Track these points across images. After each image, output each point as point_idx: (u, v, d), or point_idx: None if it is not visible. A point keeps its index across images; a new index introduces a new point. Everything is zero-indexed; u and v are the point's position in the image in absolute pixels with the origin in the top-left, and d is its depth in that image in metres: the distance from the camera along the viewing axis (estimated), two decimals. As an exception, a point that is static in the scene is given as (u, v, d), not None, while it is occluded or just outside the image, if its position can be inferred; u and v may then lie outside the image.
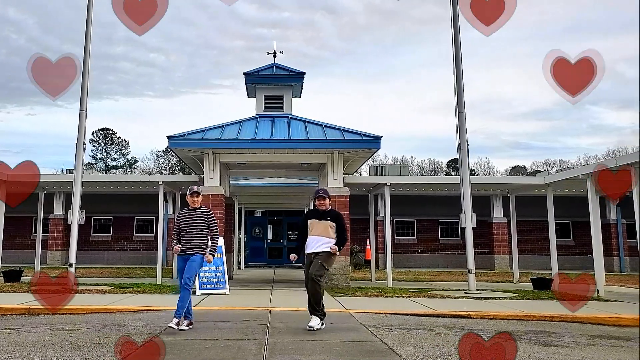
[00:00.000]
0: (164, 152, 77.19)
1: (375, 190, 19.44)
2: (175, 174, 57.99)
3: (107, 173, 68.03)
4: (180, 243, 8.40)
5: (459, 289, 14.80)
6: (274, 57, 18.87)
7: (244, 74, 18.03)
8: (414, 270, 25.50)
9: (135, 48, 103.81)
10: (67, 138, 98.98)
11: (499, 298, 12.84)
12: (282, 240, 32.18)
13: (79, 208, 14.27)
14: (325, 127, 16.30)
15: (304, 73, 18.18)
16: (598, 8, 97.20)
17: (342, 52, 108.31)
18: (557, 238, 17.57)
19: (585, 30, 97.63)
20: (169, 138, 15.53)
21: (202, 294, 12.88)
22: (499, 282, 18.72)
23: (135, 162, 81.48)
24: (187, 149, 16.06)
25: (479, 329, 8.52)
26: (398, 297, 12.87)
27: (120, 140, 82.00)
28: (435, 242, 30.08)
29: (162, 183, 17.48)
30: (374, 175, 28.76)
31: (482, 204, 25.36)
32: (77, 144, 14.49)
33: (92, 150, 79.19)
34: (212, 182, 15.83)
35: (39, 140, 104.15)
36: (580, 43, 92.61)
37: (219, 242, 8.84)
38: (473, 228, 14.53)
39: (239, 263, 25.51)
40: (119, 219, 30.15)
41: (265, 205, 30.99)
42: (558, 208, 18.04)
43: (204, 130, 15.90)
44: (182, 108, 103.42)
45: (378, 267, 24.80)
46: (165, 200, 21.25)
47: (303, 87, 18.63)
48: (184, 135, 15.62)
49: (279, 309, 10.59)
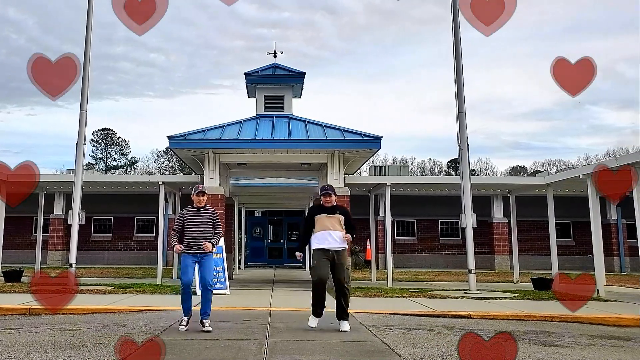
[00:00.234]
0: (165, 152, 77.20)
1: (376, 191, 19.44)
2: (176, 174, 57.99)
3: (107, 173, 68.06)
4: (184, 241, 8.38)
5: (460, 289, 14.80)
6: (275, 57, 18.89)
7: (245, 74, 18.04)
8: (415, 271, 25.49)
9: (135, 48, 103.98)
10: (67, 138, 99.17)
11: (500, 298, 12.84)
12: (282, 241, 32.17)
13: (80, 208, 14.27)
14: (326, 127, 16.30)
15: (305, 73, 18.18)
16: (598, 8, 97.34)
17: (342, 52, 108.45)
18: (557, 238, 17.57)
19: (585, 31, 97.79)
20: (170, 138, 15.54)
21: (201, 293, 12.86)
22: (500, 282, 18.71)
23: (136, 162, 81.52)
24: (187, 149, 16.06)
25: (480, 329, 8.52)
26: (398, 297, 12.87)
27: (121, 141, 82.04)
28: (436, 242, 30.07)
29: (162, 183, 17.47)
30: (375, 176, 28.76)
31: (482, 204, 25.34)
32: (77, 144, 14.49)
33: (92, 151, 79.29)
34: (212, 182, 15.83)
35: (39, 141, 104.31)
36: (580, 43, 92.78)
37: (220, 242, 8.82)
38: (473, 228, 14.52)
39: (240, 263, 25.51)
40: (120, 219, 30.14)
41: (266, 206, 30.98)
42: (558, 208, 18.04)
43: (205, 131, 15.90)
44: (182, 108, 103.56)
45: (378, 267, 24.82)
46: (166, 201, 21.24)
47: (303, 87, 18.63)
48: (185, 136, 15.62)
49: (280, 309, 10.60)
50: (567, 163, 71.22)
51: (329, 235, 8.38)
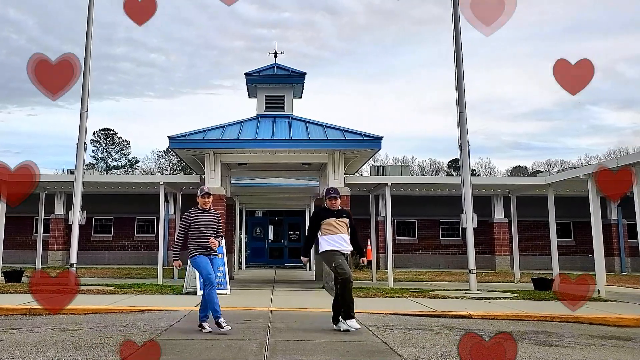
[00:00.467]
0: (165, 152, 77.23)
1: (376, 191, 19.44)
2: (176, 174, 57.98)
3: (108, 173, 68.11)
4: (192, 242, 8.38)
5: (460, 289, 14.79)
6: (275, 57, 18.89)
7: (245, 74, 18.04)
8: (415, 271, 25.48)
9: (136, 48, 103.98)
10: (67, 138, 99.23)
11: (500, 298, 12.83)
12: (283, 241, 32.17)
13: (80, 208, 14.27)
14: (326, 127, 16.29)
15: (305, 73, 18.18)
16: (598, 8, 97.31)
17: (342, 52, 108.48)
18: (558, 238, 17.57)
19: (585, 31, 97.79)
20: (170, 138, 15.54)
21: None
22: (500, 282, 18.70)
23: (136, 162, 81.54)
24: (188, 149, 16.06)
25: (480, 329, 8.52)
26: (399, 297, 12.87)
27: (121, 141, 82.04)
28: (436, 242, 30.07)
29: (163, 183, 17.46)
30: (375, 176, 28.77)
31: (483, 204, 25.33)
32: (78, 144, 14.49)
33: (93, 151, 79.31)
34: (213, 182, 15.83)
35: (40, 141, 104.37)
36: (580, 43, 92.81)
37: (221, 242, 8.85)
38: (474, 228, 14.51)
39: (240, 263, 25.52)
40: (120, 219, 30.16)
41: (266, 206, 30.97)
42: (559, 208, 18.04)
43: (205, 131, 15.90)
44: (182, 108, 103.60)
45: (379, 267, 24.83)
46: (166, 201, 21.25)
47: (304, 87, 18.63)
48: (185, 136, 15.63)
49: (280, 309, 10.60)
50: (567, 163, 71.26)
51: (340, 239, 8.46)
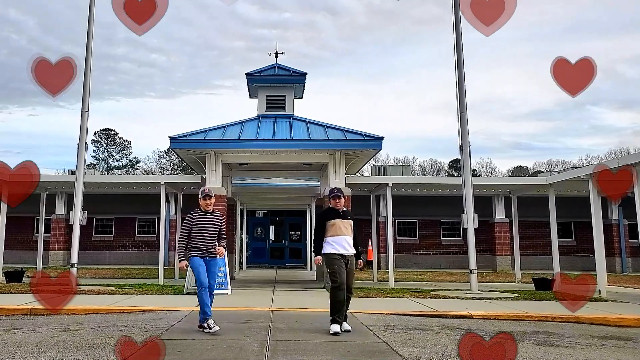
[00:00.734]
0: (166, 152, 77.22)
1: (377, 191, 19.44)
2: (177, 175, 57.99)
3: (108, 173, 68.09)
4: (192, 244, 8.35)
5: (461, 290, 14.79)
6: (276, 57, 18.89)
7: (246, 75, 18.04)
8: (416, 271, 25.48)
9: (136, 49, 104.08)
10: (68, 138, 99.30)
11: (501, 298, 12.83)
12: (284, 241, 32.16)
13: (81, 208, 14.29)
14: (327, 127, 16.29)
15: (306, 73, 18.18)
16: (598, 8, 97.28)
17: (342, 52, 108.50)
18: (559, 238, 17.57)
19: (586, 31, 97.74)
20: (171, 138, 15.54)
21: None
22: (501, 282, 18.69)
23: (137, 162, 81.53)
24: (188, 150, 16.06)
25: (481, 330, 8.52)
26: (400, 297, 12.87)
27: (122, 141, 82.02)
28: (437, 242, 30.05)
29: (164, 183, 17.46)
30: (376, 176, 28.74)
31: (484, 205, 25.32)
32: (79, 145, 14.51)
33: (93, 151, 79.27)
34: (214, 182, 15.84)
35: (41, 141, 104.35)
36: (580, 43, 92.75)
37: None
38: (475, 228, 14.51)
39: (241, 263, 25.52)
40: (121, 220, 30.16)
41: (267, 206, 30.96)
42: (560, 208, 18.03)
43: (206, 131, 15.91)
44: (183, 109, 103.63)
45: (380, 267, 24.81)
46: (167, 201, 21.27)
47: (305, 87, 18.63)
48: (186, 136, 15.63)
49: (281, 310, 10.60)
50: (568, 163, 71.19)
51: (345, 241, 8.41)
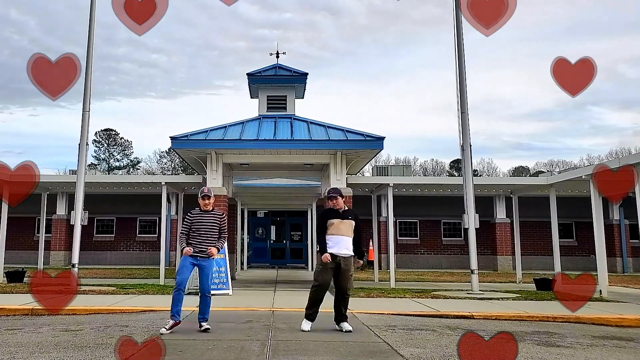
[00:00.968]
0: (167, 152, 77.27)
1: (378, 191, 19.44)
2: (178, 175, 58.07)
3: (110, 174, 68.13)
4: (190, 243, 8.35)
5: (462, 290, 14.79)
6: (277, 57, 18.89)
7: (247, 75, 18.04)
8: (417, 271, 25.47)
9: (137, 49, 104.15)
10: (69, 139, 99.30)
11: (502, 299, 12.82)
12: (285, 241, 32.16)
13: (82, 208, 14.29)
14: (328, 127, 16.29)
15: (307, 73, 18.18)
16: (598, 8, 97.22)
17: (343, 52, 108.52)
18: (560, 239, 17.56)
19: (586, 31, 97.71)
20: (172, 139, 15.54)
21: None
22: (502, 282, 18.69)
23: (138, 162, 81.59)
24: (189, 150, 16.07)
25: (482, 330, 8.51)
26: (401, 297, 12.87)
27: (123, 141, 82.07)
28: (438, 242, 30.04)
29: (165, 184, 17.47)
30: (377, 176, 28.76)
31: (485, 205, 25.30)
32: (80, 145, 14.52)
33: (95, 151, 79.36)
34: (215, 182, 15.84)
35: (42, 141, 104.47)
36: (581, 44, 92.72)
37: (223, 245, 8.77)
38: (476, 229, 14.51)
39: (242, 264, 25.50)
40: (122, 220, 30.18)
41: (268, 206, 30.96)
42: (561, 209, 18.02)
43: (207, 131, 15.91)
44: (184, 109, 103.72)
45: (381, 267, 24.80)
46: (168, 201, 21.26)
47: (306, 87, 18.63)
48: (187, 136, 15.63)
49: (282, 310, 10.60)
50: (569, 163, 71.17)
51: (341, 241, 8.34)
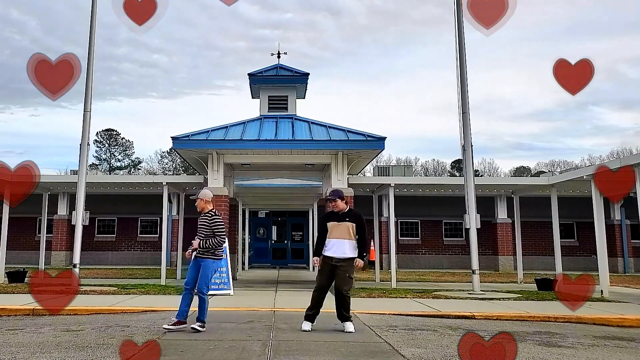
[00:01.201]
0: (168, 152, 77.29)
1: (380, 191, 19.43)
2: (180, 175, 58.13)
3: (111, 174, 68.16)
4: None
5: (463, 290, 14.78)
6: (278, 57, 18.88)
7: (248, 75, 18.05)
8: (418, 271, 25.46)
9: (138, 49, 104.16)
10: (70, 139, 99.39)
11: (503, 299, 12.82)
12: (286, 241, 32.17)
13: (83, 209, 14.30)
14: (330, 127, 16.29)
15: (308, 74, 18.18)
16: (598, 8, 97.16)
17: (343, 52, 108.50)
18: (561, 239, 17.54)
19: (586, 31, 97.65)
20: (173, 139, 15.55)
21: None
22: (503, 282, 18.68)
23: (140, 162, 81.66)
24: (191, 150, 16.08)
25: (483, 330, 8.51)
26: (402, 297, 12.86)
27: (124, 141, 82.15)
28: (440, 242, 30.03)
29: (166, 184, 17.47)
30: (378, 176, 28.77)
31: (486, 205, 25.31)
32: (81, 145, 14.52)
33: (96, 151, 79.43)
34: (216, 182, 15.85)
35: (43, 141, 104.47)
36: (581, 44, 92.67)
37: (213, 242, 8.69)
38: (477, 229, 14.51)
39: (243, 264, 25.51)
40: (123, 220, 30.19)
41: (270, 206, 30.98)
42: (562, 209, 18.00)
43: (208, 131, 15.92)
44: (185, 109, 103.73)
45: (382, 268, 24.77)
46: (170, 201, 21.27)
47: (307, 87, 18.63)
48: (188, 136, 15.64)
49: (283, 310, 10.60)
50: (571, 164, 71.12)
51: (336, 244, 8.31)
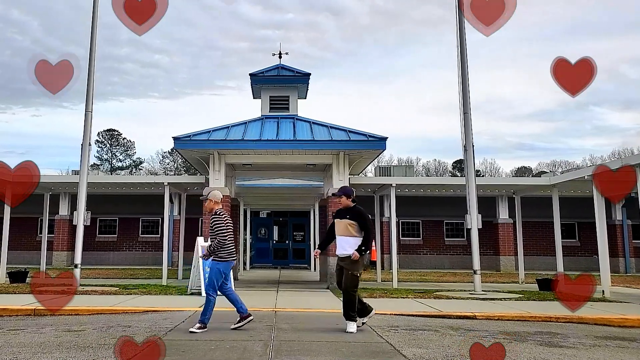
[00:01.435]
0: (170, 153, 77.36)
1: (381, 191, 19.42)
2: (181, 175, 58.13)
3: (112, 174, 68.22)
4: None
5: (465, 290, 14.78)
6: (280, 58, 18.89)
7: (250, 75, 18.06)
8: (420, 271, 25.46)
9: (139, 49, 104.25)
10: (72, 139, 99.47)
11: (505, 299, 12.81)
12: (287, 241, 32.17)
13: (85, 209, 14.31)
14: (331, 127, 16.29)
15: (310, 74, 18.19)
16: (598, 8, 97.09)
17: (344, 53, 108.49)
18: (562, 239, 17.53)
19: (587, 31, 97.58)
20: (175, 139, 15.56)
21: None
22: (505, 283, 18.67)
23: (141, 163, 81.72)
24: (192, 150, 16.08)
25: (485, 330, 8.51)
26: (404, 298, 12.86)
27: (126, 141, 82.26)
28: (441, 243, 30.02)
29: (167, 184, 17.48)
30: (380, 176, 28.75)
31: (487, 205, 25.32)
32: (82, 145, 14.53)
33: (97, 151, 79.55)
34: (217, 183, 15.85)
35: (44, 141, 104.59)
36: (582, 44, 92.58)
37: (214, 246, 8.74)
38: (478, 229, 14.49)
39: (245, 264, 25.51)
40: (125, 220, 30.21)
41: (271, 206, 30.99)
42: (563, 209, 17.99)
43: (210, 131, 15.93)
44: (186, 109, 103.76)
45: (384, 268, 24.76)
46: (171, 201, 21.26)
47: (308, 87, 18.64)
48: (190, 136, 15.65)
49: (285, 310, 10.60)
50: (572, 164, 71.03)
51: (338, 241, 8.42)
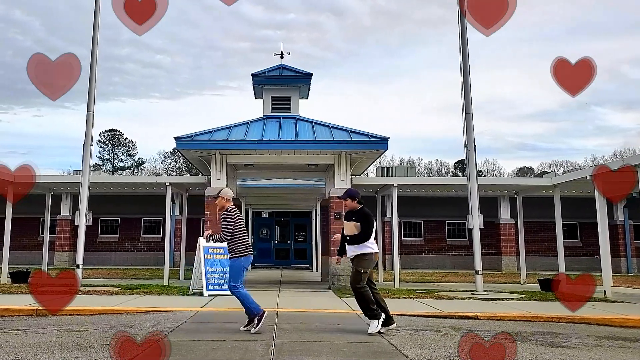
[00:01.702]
0: (171, 153, 77.43)
1: (383, 192, 19.42)
2: (183, 175, 58.18)
3: (114, 174, 68.28)
4: None
5: (466, 290, 14.77)
6: (281, 58, 18.89)
7: (251, 75, 18.05)
8: (421, 272, 25.46)
9: (140, 50, 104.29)
10: (74, 139, 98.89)
11: (506, 299, 12.81)
12: (289, 242, 32.18)
13: (86, 209, 14.31)
14: (333, 128, 16.29)
15: (311, 74, 18.17)
16: (599, 9, 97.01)
17: (346, 53, 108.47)
18: (564, 239, 17.51)
19: (587, 32, 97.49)
20: (176, 139, 15.56)
21: (209, 295, 12.94)
22: (506, 283, 18.66)
23: (143, 163, 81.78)
24: (194, 150, 16.09)
25: (486, 330, 8.50)
26: (405, 298, 12.85)
27: (128, 142, 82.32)
28: (443, 243, 30.02)
29: (169, 184, 17.50)
30: (381, 177, 28.73)
31: (489, 205, 25.31)
32: (84, 145, 14.54)
33: (99, 152, 79.63)
34: (219, 183, 15.85)
35: (46, 142, 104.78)
36: (582, 44, 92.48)
37: (217, 238, 8.63)
38: (480, 229, 14.48)
39: (246, 264, 25.49)
40: (126, 220, 30.24)
41: (273, 207, 31.01)
42: (565, 209, 17.96)
43: (211, 132, 15.93)
44: (188, 109, 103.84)
45: (385, 268, 24.78)
46: (173, 202, 21.26)
47: (310, 88, 18.63)
48: (191, 137, 15.65)
49: (286, 310, 10.60)
50: (574, 164, 71.00)
51: (346, 243, 8.42)
